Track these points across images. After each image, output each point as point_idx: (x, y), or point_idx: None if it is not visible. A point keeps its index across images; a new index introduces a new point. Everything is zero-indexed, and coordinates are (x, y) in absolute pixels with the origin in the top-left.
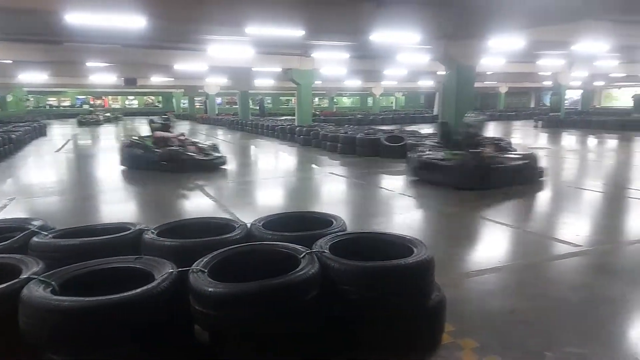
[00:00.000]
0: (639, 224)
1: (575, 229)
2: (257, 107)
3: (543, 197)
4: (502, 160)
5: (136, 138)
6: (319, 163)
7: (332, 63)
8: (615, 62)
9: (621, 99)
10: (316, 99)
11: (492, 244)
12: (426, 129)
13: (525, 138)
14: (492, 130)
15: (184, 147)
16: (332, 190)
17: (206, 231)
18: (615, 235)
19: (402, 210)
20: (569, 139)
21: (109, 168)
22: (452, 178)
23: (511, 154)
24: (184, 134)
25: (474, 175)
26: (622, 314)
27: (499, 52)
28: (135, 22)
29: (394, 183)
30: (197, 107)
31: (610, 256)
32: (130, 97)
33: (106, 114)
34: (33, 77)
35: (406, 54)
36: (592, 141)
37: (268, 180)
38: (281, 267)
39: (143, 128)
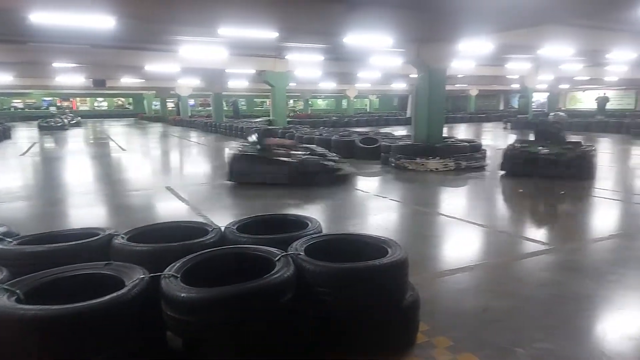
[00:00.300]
0: None
1: None
2: (231, 109)
3: None
4: (593, 152)
5: (248, 145)
6: None
7: (306, 65)
8: (580, 65)
9: (585, 101)
10: (291, 101)
11: None
12: (400, 131)
13: (496, 139)
14: (463, 132)
15: (296, 153)
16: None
17: (179, 235)
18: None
19: (377, 211)
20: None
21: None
22: (561, 170)
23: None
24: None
25: (581, 166)
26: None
27: (469, 55)
28: (103, 22)
29: (368, 184)
30: (170, 108)
31: None
32: (100, 99)
33: (76, 117)
34: None
35: (379, 57)
36: None
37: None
38: (256, 270)
39: (112, 130)
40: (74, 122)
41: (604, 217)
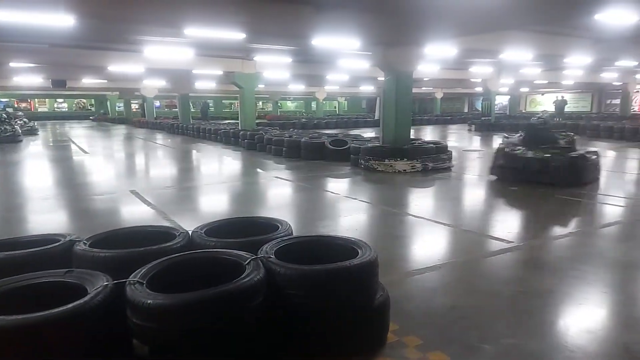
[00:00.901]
0: None
1: None
2: (199, 111)
3: None
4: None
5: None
6: (264, 167)
7: (275, 67)
8: (538, 69)
9: (544, 103)
10: (260, 103)
11: None
12: (369, 133)
13: (461, 141)
14: (430, 133)
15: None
16: (278, 194)
17: (144, 240)
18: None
19: (347, 213)
20: (499, 142)
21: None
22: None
23: None
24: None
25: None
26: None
27: (434, 59)
28: (62, 20)
29: (339, 186)
30: (134, 110)
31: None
32: (60, 100)
33: (31, 122)
34: None
35: (347, 60)
36: None
37: (210, 185)
38: (225, 274)
39: (74, 132)
40: (26, 127)
41: None
